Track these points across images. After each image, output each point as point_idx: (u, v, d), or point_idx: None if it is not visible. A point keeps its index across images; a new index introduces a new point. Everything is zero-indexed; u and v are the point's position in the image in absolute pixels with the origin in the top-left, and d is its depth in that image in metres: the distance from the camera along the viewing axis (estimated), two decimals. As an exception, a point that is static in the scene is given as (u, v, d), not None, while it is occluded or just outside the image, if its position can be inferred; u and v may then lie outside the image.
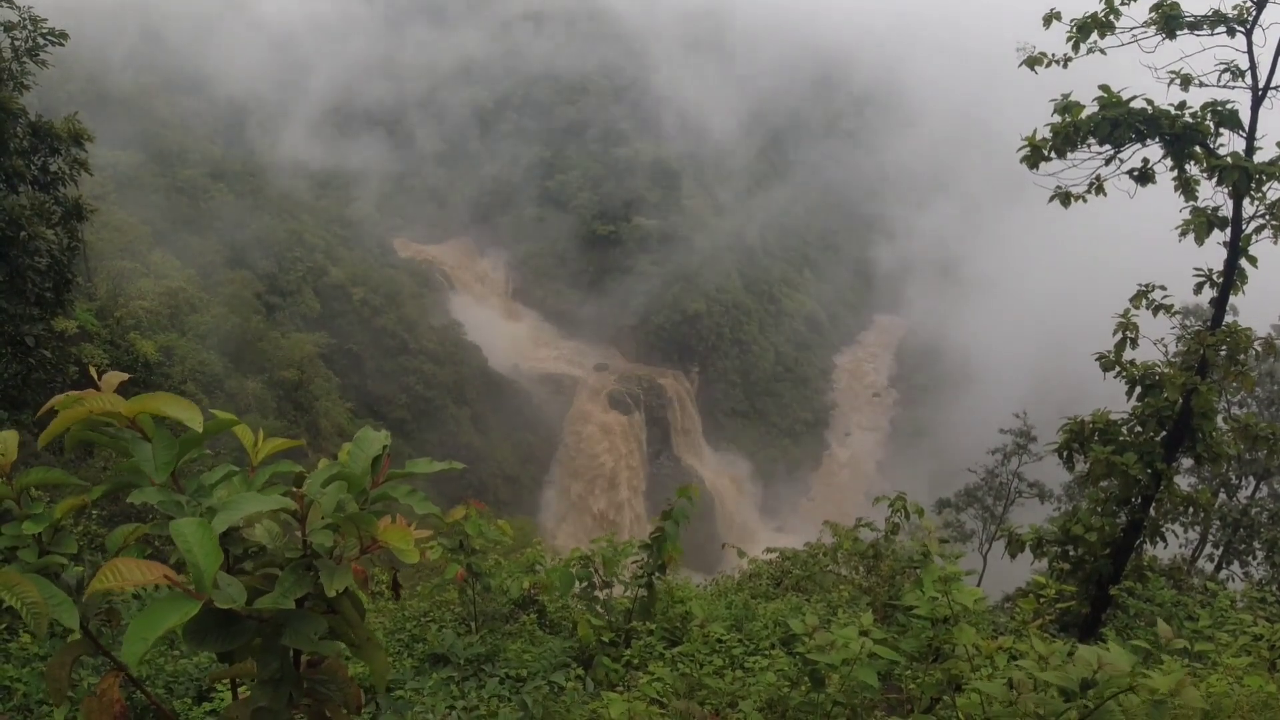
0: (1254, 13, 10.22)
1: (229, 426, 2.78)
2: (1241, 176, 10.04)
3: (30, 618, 2.36)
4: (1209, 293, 11.18)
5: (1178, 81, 10.56)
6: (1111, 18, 10.79)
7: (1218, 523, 24.10)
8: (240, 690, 3.10)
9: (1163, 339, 11.85)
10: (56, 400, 2.52)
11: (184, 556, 2.30)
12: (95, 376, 2.67)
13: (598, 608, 9.03)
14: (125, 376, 2.69)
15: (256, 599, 2.52)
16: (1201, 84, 10.59)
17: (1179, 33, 10.61)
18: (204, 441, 2.67)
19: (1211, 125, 10.40)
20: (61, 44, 18.22)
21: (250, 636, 2.56)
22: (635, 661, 8.22)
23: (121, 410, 2.54)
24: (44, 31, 17.56)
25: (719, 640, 8.68)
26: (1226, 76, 10.52)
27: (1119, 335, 11.57)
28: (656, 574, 8.75)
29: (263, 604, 2.50)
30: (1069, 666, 3.97)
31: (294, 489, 2.67)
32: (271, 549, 2.64)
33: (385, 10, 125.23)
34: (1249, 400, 25.91)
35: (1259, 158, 10.25)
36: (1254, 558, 23.93)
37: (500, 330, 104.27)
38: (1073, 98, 10.83)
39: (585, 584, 8.98)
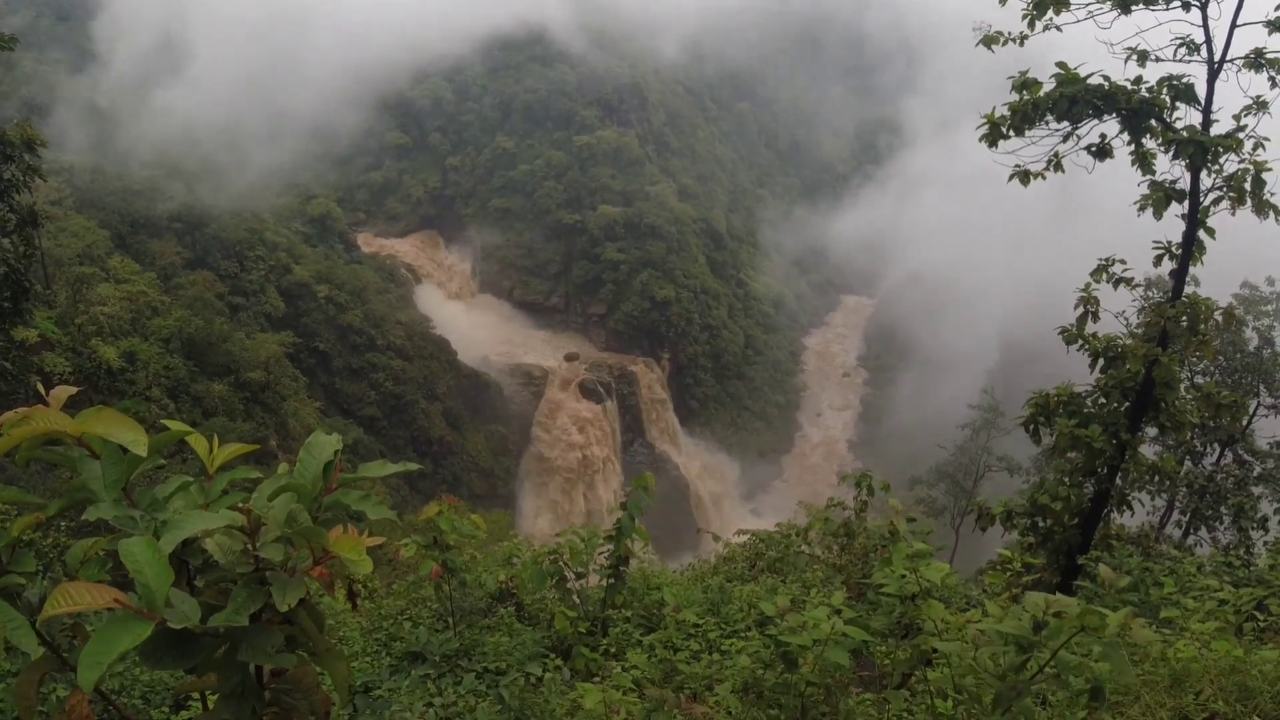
0: (1207, -14, 10.29)
1: (179, 438, 2.73)
2: (1198, 150, 10.13)
3: (-17, 644, 2.33)
4: (1169, 265, 11.30)
5: (1134, 57, 10.63)
6: (1066, -7, 10.82)
7: (1184, 490, 24.46)
8: (211, 700, 3.07)
9: (1124, 312, 12.00)
10: (4, 418, 2.47)
11: (134, 577, 2.26)
12: (43, 391, 2.62)
13: (573, 598, 9.04)
14: (73, 391, 2.64)
15: (212, 615, 2.49)
16: (1157, 59, 10.65)
17: (1134, 7, 10.66)
18: (156, 456, 2.63)
19: (1168, 100, 10.46)
20: (11, 49, 17.92)
21: (208, 652, 2.53)
22: (613, 650, 8.24)
23: (67, 430, 2.49)
24: (-9, 38, 17.25)
25: (694, 625, 8.72)
26: (1182, 51, 10.59)
27: (1080, 309, 11.68)
28: (621, 565, 8.80)
29: (216, 621, 2.47)
30: (1021, 614, 3.98)
31: (243, 503, 2.63)
32: (224, 564, 2.60)
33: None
34: (1211, 369, 26.27)
35: (1215, 131, 10.34)
36: (1221, 523, 24.31)
37: (468, 323, 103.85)
38: (1029, 75, 10.89)
39: (557, 577, 8.99)
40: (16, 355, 17.51)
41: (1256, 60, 10.22)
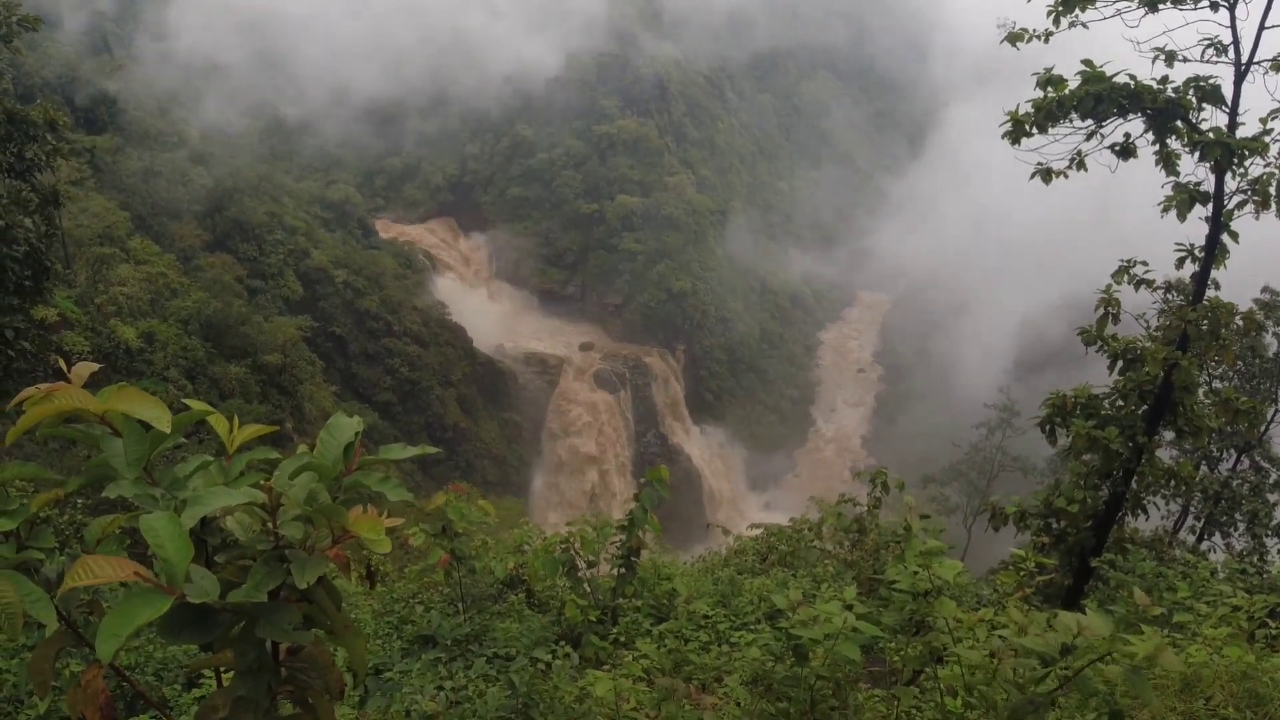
0: (1236, -14, 10.18)
1: (200, 417, 2.74)
2: (1223, 152, 10.03)
3: (3, 617, 2.35)
4: (1191, 267, 11.21)
5: (1161, 57, 10.53)
6: (1094, -11, 10.72)
7: (1199, 495, 24.26)
8: (224, 677, 3.09)
9: (1144, 314, 11.90)
10: (26, 394, 2.49)
11: (155, 552, 2.28)
12: (65, 369, 2.64)
13: (584, 586, 9.07)
14: (95, 368, 2.65)
15: (230, 591, 2.51)
16: (1184, 59, 10.56)
17: (1161, 6, 10.56)
18: (176, 435, 2.64)
19: (1194, 100, 10.36)
20: (35, 30, 17.99)
21: (225, 629, 2.55)
22: (623, 639, 8.27)
23: (90, 407, 2.51)
24: (18, 18, 17.31)
25: (705, 616, 8.74)
26: (1210, 52, 10.49)
27: (1101, 310, 11.60)
28: (632, 555, 8.83)
29: (235, 597, 2.49)
30: (1049, 634, 3.99)
31: (264, 481, 2.64)
32: (244, 541, 2.63)
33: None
34: (1230, 374, 26.04)
35: (1241, 133, 10.24)
36: (1235, 529, 24.11)
37: (484, 311, 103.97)
38: (1054, 72, 10.80)
39: (568, 566, 9.02)
40: (36, 334, 17.59)
41: (1285, 63, 10.12)
